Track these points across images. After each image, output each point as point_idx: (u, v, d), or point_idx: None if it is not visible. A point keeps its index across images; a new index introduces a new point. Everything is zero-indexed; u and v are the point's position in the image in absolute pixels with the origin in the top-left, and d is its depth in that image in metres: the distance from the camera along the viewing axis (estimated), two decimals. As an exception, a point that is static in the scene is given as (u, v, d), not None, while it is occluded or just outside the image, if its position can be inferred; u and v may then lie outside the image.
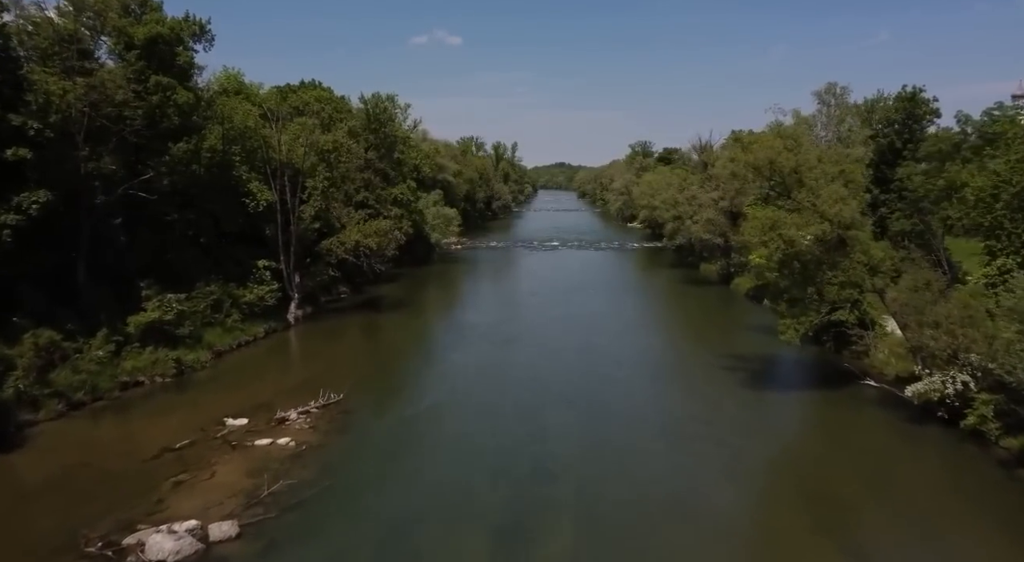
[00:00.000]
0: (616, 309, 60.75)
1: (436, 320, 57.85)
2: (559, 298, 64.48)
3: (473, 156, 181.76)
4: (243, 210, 47.83)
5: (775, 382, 39.21)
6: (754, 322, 54.32)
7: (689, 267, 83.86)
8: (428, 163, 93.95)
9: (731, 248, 69.15)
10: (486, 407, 33.43)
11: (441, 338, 50.18)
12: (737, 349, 45.50)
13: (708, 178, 73.48)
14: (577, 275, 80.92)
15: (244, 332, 44.76)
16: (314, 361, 43.01)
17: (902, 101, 54.56)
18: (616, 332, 50.97)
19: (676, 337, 50.59)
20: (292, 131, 54.01)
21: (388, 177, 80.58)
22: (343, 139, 54.85)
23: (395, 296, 64.49)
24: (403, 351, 46.28)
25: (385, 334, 51.02)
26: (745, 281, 66.54)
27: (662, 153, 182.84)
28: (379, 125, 77.62)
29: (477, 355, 43.81)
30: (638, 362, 42.57)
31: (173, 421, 30.24)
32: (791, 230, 31.25)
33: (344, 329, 51.53)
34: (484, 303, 64.13)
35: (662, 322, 57.60)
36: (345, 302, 60.55)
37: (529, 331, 50.54)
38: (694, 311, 60.55)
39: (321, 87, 75.29)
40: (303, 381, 36.91)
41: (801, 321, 33.20)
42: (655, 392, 36.69)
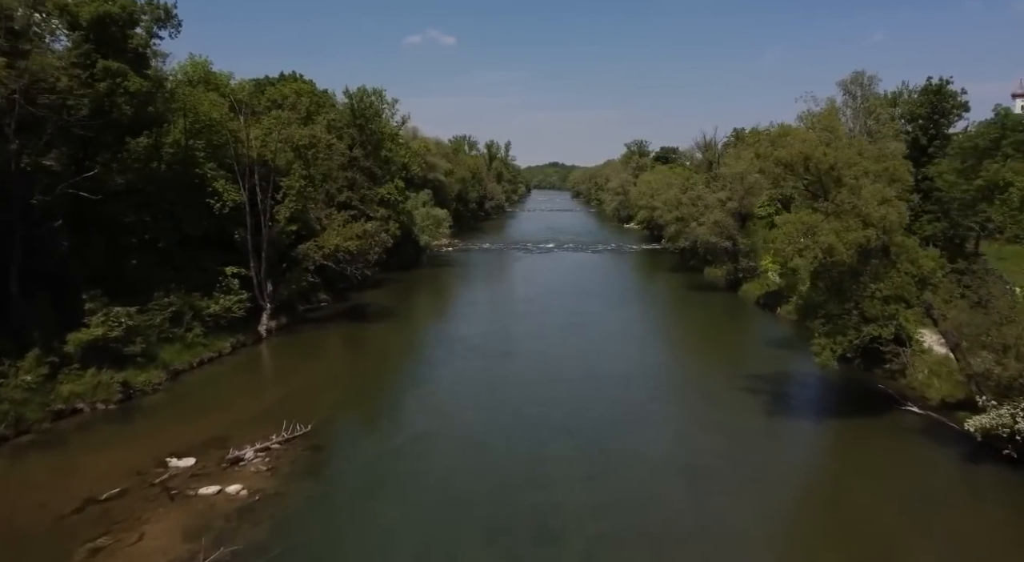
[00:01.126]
0: (618, 318, 56.38)
1: (424, 331, 53.29)
2: (556, 305, 60.07)
3: (465, 155, 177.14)
4: (209, 212, 43.20)
5: (802, 407, 34.88)
6: (768, 334, 50.10)
7: (692, 271, 79.59)
8: (417, 161, 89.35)
9: (739, 252, 64.91)
10: (478, 440, 28.96)
11: (429, 352, 45.66)
12: (753, 366, 41.22)
13: (714, 177, 69.21)
14: (574, 279, 76.51)
15: (207, 348, 40.15)
16: (284, 381, 38.44)
17: (927, 94, 50.38)
18: (619, 345, 46.60)
19: (685, 351, 46.22)
20: (266, 125, 49.41)
21: (374, 176, 76.24)
22: (321, 133, 50.15)
23: (380, 303, 59.94)
24: (386, 368, 41.74)
25: (367, 348, 46.46)
26: (754, 287, 62.35)
27: (659, 152, 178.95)
28: (364, 121, 73.13)
29: (468, 373, 39.37)
30: (646, 382, 38.20)
31: (106, 461, 25.66)
32: (829, 236, 26.91)
33: (322, 342, 46.94)
34: (476, 311, 59.63)
35: (668, 334, 53.22)
36: (325, 311, 55.95)
37: (525, 344, 46.11)
38: (702, 321, 56.25)
39: (302, 80, 70.64)
40: (268, 407, 32.41)
41: (838, 341, 28.86)
42: (668, 420, 32.30)
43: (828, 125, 29.28)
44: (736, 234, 63.81)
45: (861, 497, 24.08)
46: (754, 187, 62.95)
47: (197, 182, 42.71)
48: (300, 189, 47.79)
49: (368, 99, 73.52)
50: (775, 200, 53.84)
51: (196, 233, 43.25)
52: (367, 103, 73.05)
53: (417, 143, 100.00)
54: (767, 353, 45.06)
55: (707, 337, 50.71)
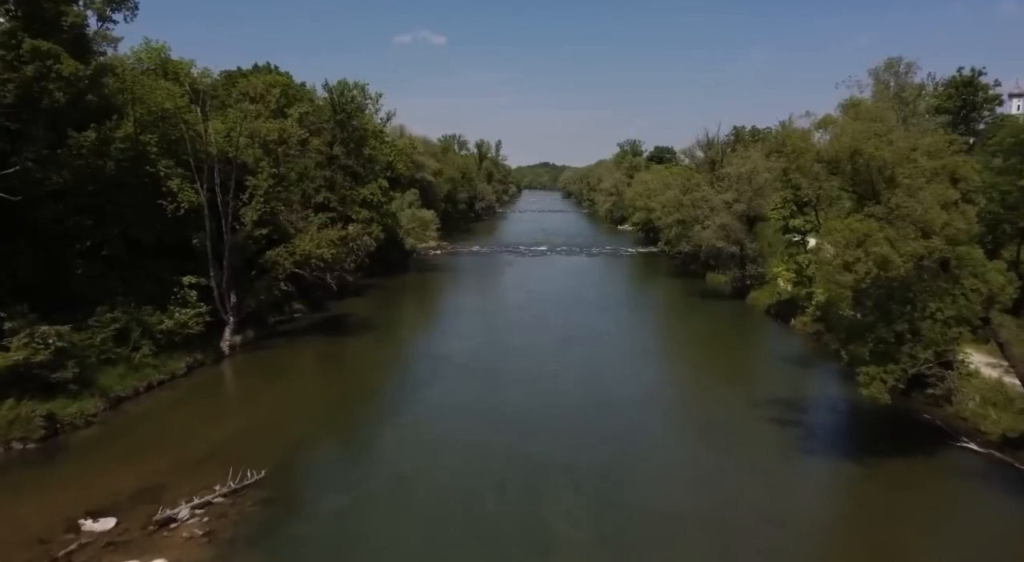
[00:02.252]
0: (618, 330, 51.90)
1: (408, 345, 48.52)
2: (552, 315, 55.53)
3: (455, 154, 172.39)
4: (163, 215, 38.32)
5: (837, 442, 30.39)
6: (784, 349, 45.78)
7: (693, 277, 75.26)
8: (403, 160, 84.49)
9: (746, 257, 60.59)
10: (466, 490, 24.31)
11: (412, 372, 40.94)
12: (773, 388, 36.88)
13: (718, 178, 64.87)
14: (570, 286, 71.96)
15: (157, 370, 35.31)
16: (243, 409, 33.65)
17: (956, 87, 46.20)
18: (623, 363, 42.11)
19: (696, 371, 41.68)
20: (232, 118, 44.67)
21: (357, 176, 71.57)
22: (293, 128, 45.31)
23: (361, 313, 55.18)
24: (362, 392, 37.01)
25: (343, 366, 41.69)
26: (763, 296, 58.05)
27: (653, 152, 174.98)
28: (346, 117, 68.38)
29: (456, 399, 34.75)
30: (657, 411, 33.72)
31: (4, 523, 20.86)
32: (883, 247, 22.48)
33: (292, 360, 42.12)
34: (466, 322, 54.96)
35: (675, 349, 48.65)
36: (300, 323, 51.14)
37: (519, 361, 41.52)
38: (709, 333, 51.77)
39: (277, 72, 65.75)
40: (220, 443, 27.69)
41: (889, 370, 24.42)
42: (687, 462, 27.70)
43: (878, 115, 24.88)
44: (744, 238, 59.50)
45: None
46: (763, 188, 58.71)
47: (148, 181, 37.81)
48: (268, 189, 43.00)
49: (349, 93, 68.81)
50: (789, 202, 49.52)
51: (148, 239, 38.37)
52: (348, 97, 68.33)
53: (403, 141, 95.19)
54: (786, 372, 40.74)
55: (718, 353, 46.26)
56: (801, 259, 48.62)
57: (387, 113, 79.95)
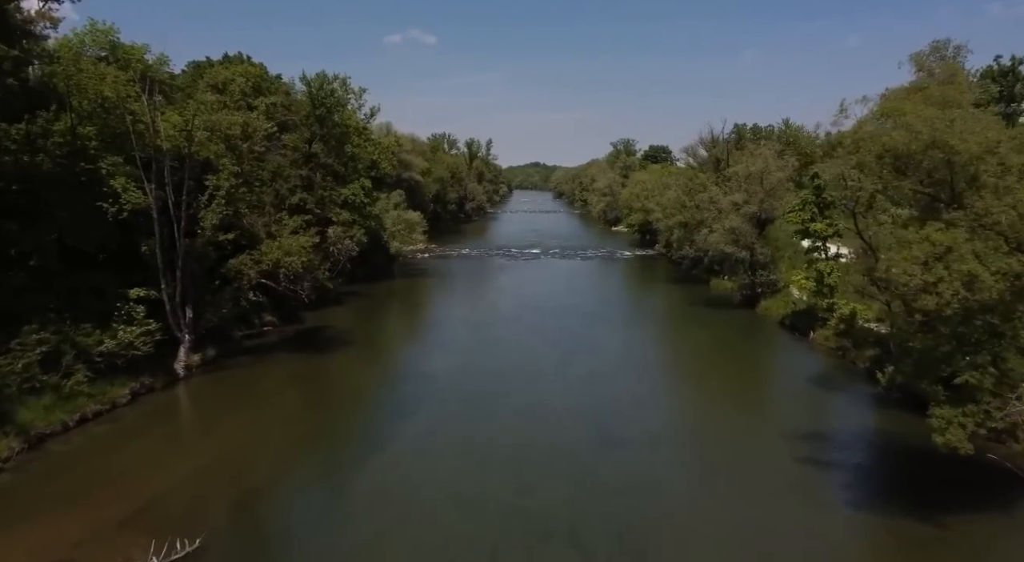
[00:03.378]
0: (621, 345, 47.37)
1: (389, 364, 43.65)
2: (548, 327, 50.91)
3: (445, 154, 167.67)
4: (105, 218, 33.44)
5: (892, 489, 25.71)
6: (808, 369, 41.42)
7: (696, 282, 70.86)
8: (388, 158, 79.63)
9: (757, 263, 56.18)
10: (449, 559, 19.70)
11: (394, 397, 36.15)
12: (801, 416, 32.58)
13: (725, 178, 60.46)
14: (566, 292, 67.40)
15: (94, 399, 30.44)
16: (192, 447, 28.76)
17: (993, 77, 41.93)
18: (630, 386, 37.52)
19: (712, 395, 36.96)
20: (192, 109, 39.84)
21: (338, 175, 66.78)
22: (259, 121, 40.33)
23: (340, 325, 50.39)
24: (333, 424, 32.15)
25: (314, 390, 36.85)
26: (776, 305, 53.66)
27: (648, 151, 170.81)
28: (326, 112, 63.44)
29: (443, 432, 30.05)
30: (674, 447, 29.19)
31: None
32: (970, 263, 18.01)
33: (257, 382, 37.24)
34: (454, 335, 50.21)
35: (686, 368, 43.84)
36: (270, 337, 46.28)
37: (513, 383, 36.83)
38: (722, 349, 47.12)
39: (250, 63, 60.81)
40: (154, 497, 22.90)
41: (968, 412, 19.94)
42: (719, 520, 22.94)
43: (953, 98, 20.42)
44: (755, 242, 55.10)
45: None
46: (776, 188, 54.35)
47: (86, 180, 32.91)
48: (230, 190, 38.16)
49: (329, 87, 63.81)
50: (810, 204, 45.07)
51: (88, 246, 33.52)
52: (327, 91, 63.35)
53: (389, 139, 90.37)
54: (812, 396, 36.32)
55: (733, 372, 41.70)
56: (822, 266, 44.23)
57: (371, 109, 74.94)
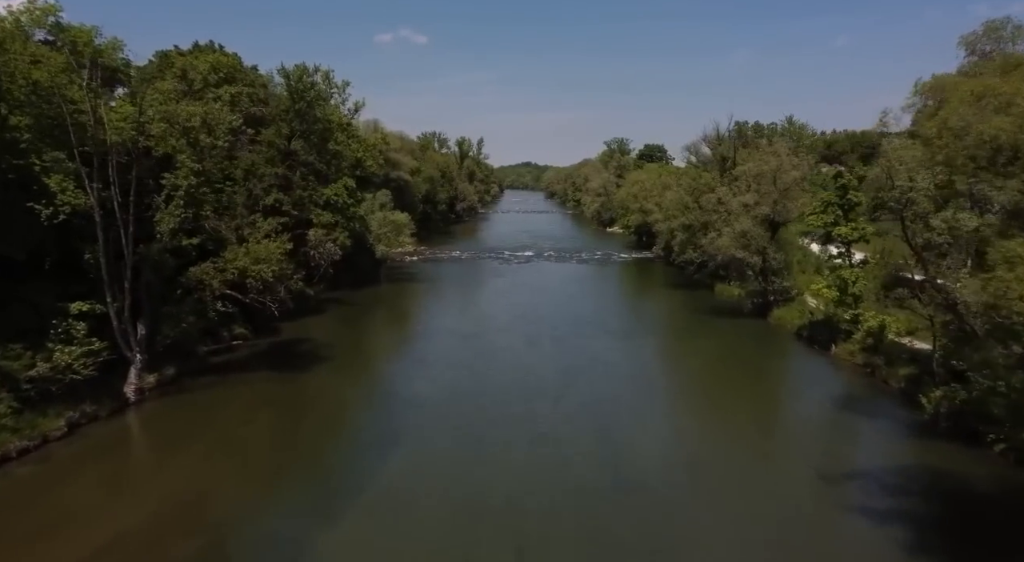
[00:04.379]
0: (628, 360, 43.36)
1: (372, 384, 39.16)
2: (545, 339, 46.78)
3: (435, 153, 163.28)
4: (38, 222, 29.05)
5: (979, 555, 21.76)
6: (831, 386, 37.73)
7: (699, 287, 66.86)
8: (374, 156, 75.33)
9: (769, 269, 52.23)
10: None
11: (374, 427, 31.82)
12: (841, 450, 28.85)
13: (733, 178, 56.53)
14: (562, 299, 63.33)
15: (19, 433, 26.07)
16: (133, 493, 24.31)
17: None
18: (641, 412, 33.43)
19: (736, 423, 32.45)
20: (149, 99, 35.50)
21: (320, 174, 62.57)
22: (222, 112, 35.88)
23: (319, 338, 46.08)
24: (300, 463, 27.67)
25: (284, 417, 32.38)
26: (791, 315, 49.75)
27: (643, 150, 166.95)
28: (306, 106, 59.07)
29: (429, 474, 25.82)
30: (704, 494, 25.10)
31: None
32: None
33: (219, 408, 32.80)
34: (444, 349, 45.91)
35: (701, 388, 39.16)
36: (240, 353, 41.94)
37: (510, 410, 32.64)
38: (738, 365, 42.88)
39: (223, 52, 56.32)
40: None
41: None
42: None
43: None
44: (768, 247, 51.17)
45: None
46: (791, 189, 50.44)
47: (14, 177, 28.51)
48: (189, 189, 33.81)
49: (308, 79, 59.44)
50: (834, 206, 41.14)
51: (17, 254, 29.11)
52: (307, 84, 58.98)
53: (375, 136, 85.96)
54: (847, 425, 32.37)
55: (753, 394, 37.58)
56: (847, 274, 40.32)
57: (355, 103, 70.65)
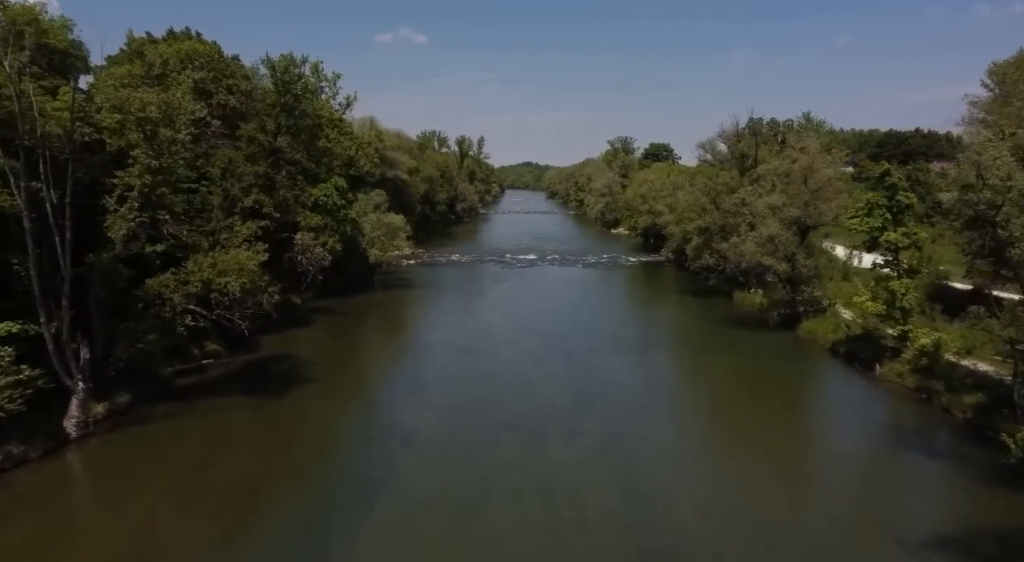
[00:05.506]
0: (646, 383, 38.68)
1: (354, 413, 33.91)
2: (553, 356, 42.15)
3: (434, 152, 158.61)
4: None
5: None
6: (883, 415, 33.10)
7: (715, 294, 62.10)
8: (367, 154, 70.80)
9: (799, 277, 47.50)
10: None
11: (354, 471, 27.12)
12: (914, 501, 23.98)
13: (757, 177, 51.88)
14: (569, 309, 58.70)
15: (-80, 488, 21.50)
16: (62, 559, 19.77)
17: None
18: (667, 447, 28.80)
19: (780, 462, 27.51)
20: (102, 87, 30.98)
21: (308, 173, 58.11)
22: (183, 101, 31.09)
23: (302, 354, 41.48)
24: (270, 514, 23.14)
25: (252, 455, 27.54)
26: (823, 328, 45.11)
27: (648, 149, 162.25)
28: (293, 100, 54.44)
29: (414, 532, 21.22)
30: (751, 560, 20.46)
31: None
32: None
33: (177, 445, 27.93)
34: (438, 369, 41.15)
35: (735, 419, 33.43)
36: (210, 373, 37.26)
37: (513, 445, 28.02)
38: (773, 387, 37.87)
39: (200, 40, 51.65)
40: None
41: None
42: None
43: None
44: (797, 252, 46.51)
45: None
46: (823, 189, 45.77)
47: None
48: (143, 189, 29.17)
49: (296, 71, 54.77)
50: (881, 208, 36.43)
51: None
52: (293, 76, 54.31)
53: (370, 133, 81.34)
54: (913, 466, 27.45)
55: (797, 426, 32.75)
56: (896, 285, 35.63)
57: (347, 97, 66.14)
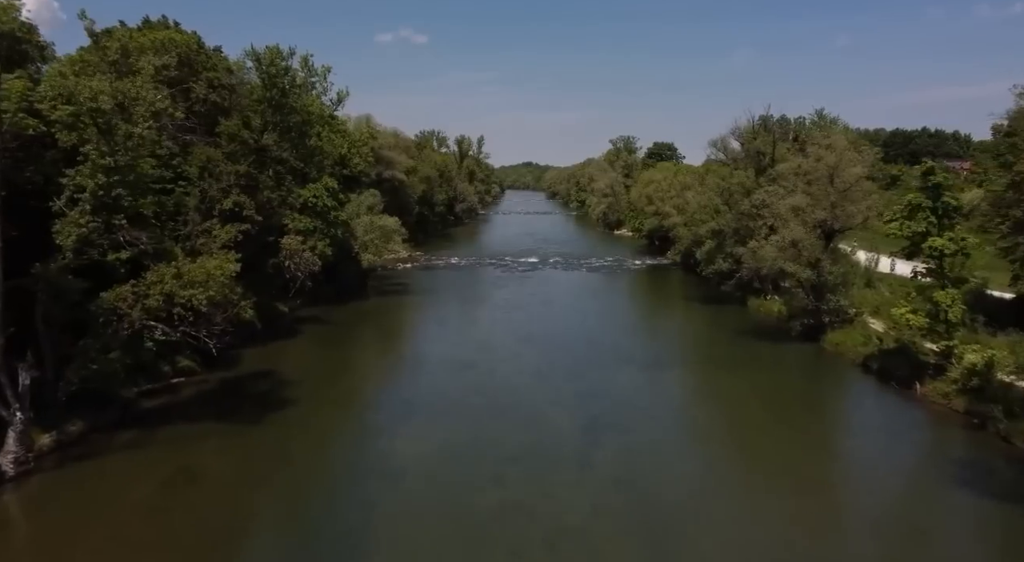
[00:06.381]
0: (666, 407, 35.17)
1: (335, 447, 29.65)
2: (558, 373, 38.63)
3: (433, 152, 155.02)
4: None
5: None
6: (932, 444, 29.82)
7: (727, 301, 58.43)
8: (361, 152, 67.21)
9: (825, 285, 43.86)
10: None
11: (328, 521, 23.49)
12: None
13: (776, 177, 48.32)
14: (574, 316, 55.13)
15: None
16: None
17: None
18: (697, 490, 25.23)
19: (824, 504, 24.16)
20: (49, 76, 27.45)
21: (297, 173, 54.64)
22: (143, 91, 27.41)
23: (283, 372, 37.89)
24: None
25: (213, 500, 23.70)
26: (852, 340, 41.58)
27: (652, 148, 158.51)
28: (279, 95, 50.80)
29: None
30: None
31: None
32: None
33: (128, 486, 23.97)
34: (433, 389, 37.31)
35: (768, 449, 29.50)
36: (182, 393, 33.62)
37: (517, 489, 24.46)
38: (806, 411, 34.02)
39: (178, 30, 48.03)
40: None
41: None
42: None
43: None
44: (823, 258, 42.94)
45: None
46: (852, 190, 42.19)
47: None
48: (96, 191, 25.61)
49: (282, 64, 51.11)
50: (925, 211, 32.85)
51: None
52: (280, 69, 50.65)
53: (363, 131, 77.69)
54: (982, 512, 23.80)
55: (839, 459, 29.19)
56: (942, 297, 32.04)
57: (338, 93, 62.55)
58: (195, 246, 39.49)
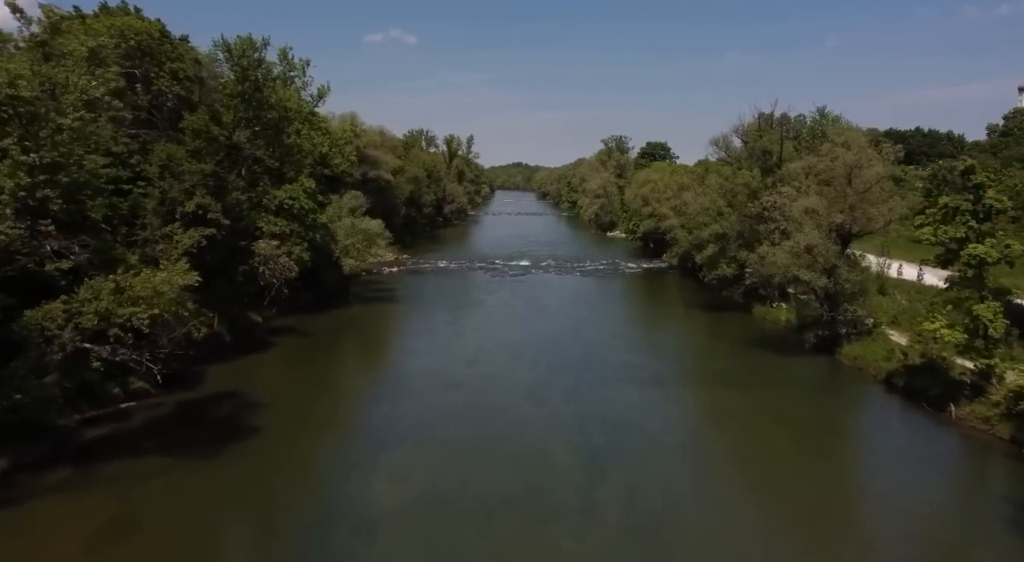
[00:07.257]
0: (674, 433, 31.74)
1: (302, 487, 26.06)
2: (555, 393, 35.09)
3: (422, 151, 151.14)
4: None
5: None
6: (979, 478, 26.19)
7: (730, 308, 55.16)
8: (343, 151, 63.47)
9: (841, 293, 40.51)
10: None
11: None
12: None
13: (785, 177, 44.99)
14: (569, 326, 51.59)
15: None
16: None
17: None
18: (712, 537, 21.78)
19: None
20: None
21: (273, 172, 51.07)
22: (75, 78, 23.56)
23: (250, 393, 34.14)
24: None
25: (148, 556, 20.34)
26: (872, 354, 38.32)
27: (645, 148, 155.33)
28: (253, 89, 47.00)
29: None
30: None
31: None
32: None
33: (51, 543, 20.54)
34: (416, 414, 33.74)
35: (792, 486, 26.51)
36: (133, 420, 29.79)
37: (513, 526, 20.92)
38: (832, 437, 30.59)
39: (139, 16, 44.11)
40: None
41: None
42: None
43: None
44: (839, 265, 39.63)
45: None
46: (871, 191, 38.91)
47: None
48: (16, 191, 21.83)
49: (255, 55, 47.30)
50: (964, 214, 29.56)
51: None
52: (252, 61, 46.80)
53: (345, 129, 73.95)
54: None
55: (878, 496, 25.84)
56: (983, 310, 28.75)
57: (319, 88, 59.01)
58: (154, 253, 35.76)
